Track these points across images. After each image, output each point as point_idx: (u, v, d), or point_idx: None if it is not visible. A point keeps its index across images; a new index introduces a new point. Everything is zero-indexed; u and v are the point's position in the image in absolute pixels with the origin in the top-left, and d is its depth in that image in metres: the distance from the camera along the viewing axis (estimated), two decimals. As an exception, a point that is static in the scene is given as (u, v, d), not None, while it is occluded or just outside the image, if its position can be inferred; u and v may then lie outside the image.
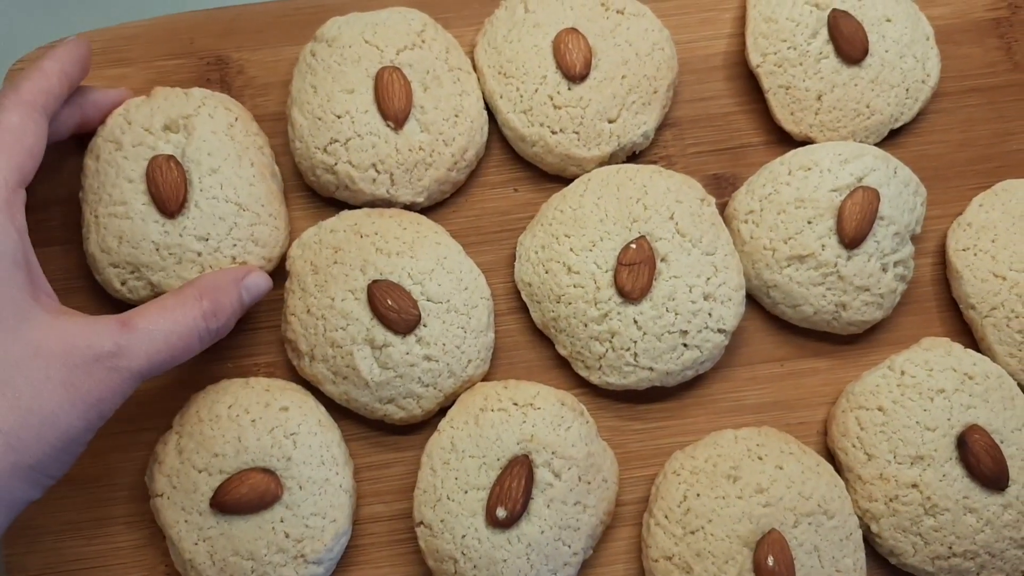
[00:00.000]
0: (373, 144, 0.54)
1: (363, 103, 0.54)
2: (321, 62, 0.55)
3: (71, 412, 0.42)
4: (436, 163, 0.55)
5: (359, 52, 0.55)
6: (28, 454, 0.41)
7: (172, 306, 0.47)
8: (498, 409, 0.51)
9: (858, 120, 0.57)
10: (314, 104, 0.55)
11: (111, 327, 0.44)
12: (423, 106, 0.55)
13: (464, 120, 0.55)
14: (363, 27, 0.56)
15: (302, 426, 0.51)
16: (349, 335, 0.52)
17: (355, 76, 0.55)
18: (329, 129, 0.54)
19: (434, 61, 0.56)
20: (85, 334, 0.43)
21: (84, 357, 0.43)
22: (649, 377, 0.53)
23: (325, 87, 0.55)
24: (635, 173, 0.55)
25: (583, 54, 0.56)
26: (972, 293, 0.54)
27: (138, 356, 0.44)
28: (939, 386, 0.52)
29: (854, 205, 0.53)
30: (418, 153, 0.54)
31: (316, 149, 0.54)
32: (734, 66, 0.60)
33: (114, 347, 0.44)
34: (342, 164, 0.54)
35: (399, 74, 0.54)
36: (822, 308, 0.54)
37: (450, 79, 0.56)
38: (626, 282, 0.52)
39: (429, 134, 0.55)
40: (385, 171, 0.54)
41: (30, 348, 0.42)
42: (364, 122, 0.54)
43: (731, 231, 0.56)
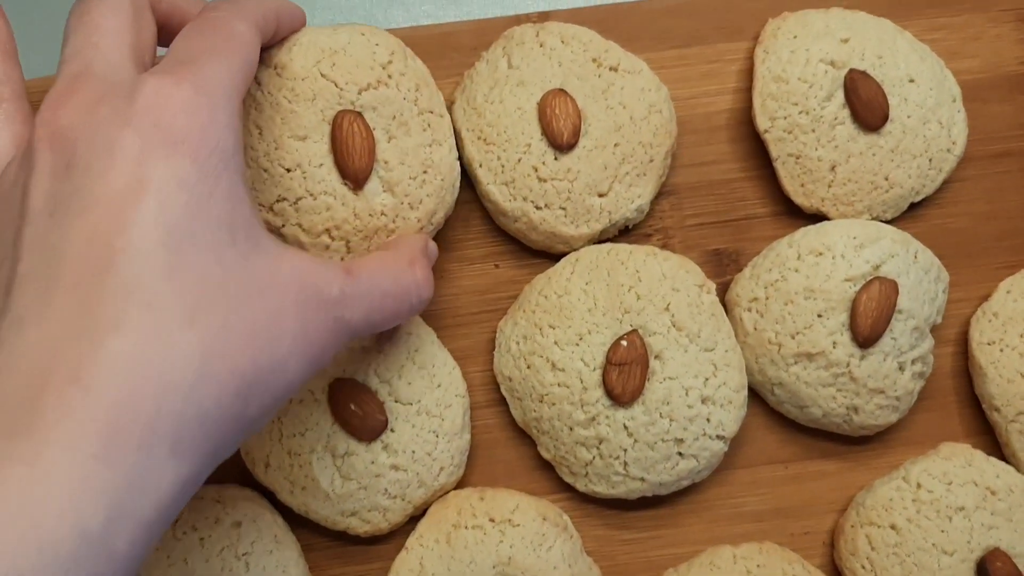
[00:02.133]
0: (328, 206, 0.45)
1: (317, 154, 0.45)
2: (268, 96, 0.45)
3: (301, 359, 0.35)
4: (399, 229, 0.47)
5: (314, 88, 0.45)
6: (255, 405, 0.33)
7: (391, 264, 0.41)
8: (473, 526, 0.46)
9: (875, 194, 0.52)
10: (259, 151, 0.45)
11: (337, 272, 0.38)
12: (387, 161, 0.46)
13: (434, 177, 0.47)
14: (320, 55, 0.46)
15: (256, 544, 0.46)
16: (307, 442, 0.47)
17: (309, 119, 0.45)
18: (276, 185, 0.45)
19: (401, 103, 0.47)
20: (315, 273, 0.37)
21: (315, 299, 0.36)
22: (640, 488, 0.48)
23: (272, 130, 0.45)
24: (627, 256, 0.50)
25: (571, 120, 0.50)
26: (997, 394, 0.49)
27: (358, 309, 0.38)
28: (959, 503, 0.47)
29: (870, 300, 0.47)
30: (379, 218, 0.46)
31: (260, 207, 0.46)
32: (739, 126, 0.54)
33: (340, 294, 0.37)
34: (291, 227, 0.46)
35: (361, 123, 0.45)
36: (832, 411, 0.49)
37: (419, 125, 0.47)
38: (616, 384, 0.47)
39: (393, 196, 0.46)
40: (340, 238, 0.46)
41: (266, 277, 0.34)
42: (318, 179, 0.45)
43: (732, 319, 0.51)
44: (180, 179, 0.32)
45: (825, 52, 0.52)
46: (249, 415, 0.33)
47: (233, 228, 0.34)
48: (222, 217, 0.33)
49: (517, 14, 0.55)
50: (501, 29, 0.54)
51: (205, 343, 0.31)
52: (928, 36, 0.56)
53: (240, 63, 0.37)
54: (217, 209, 0.33)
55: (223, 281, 0.33)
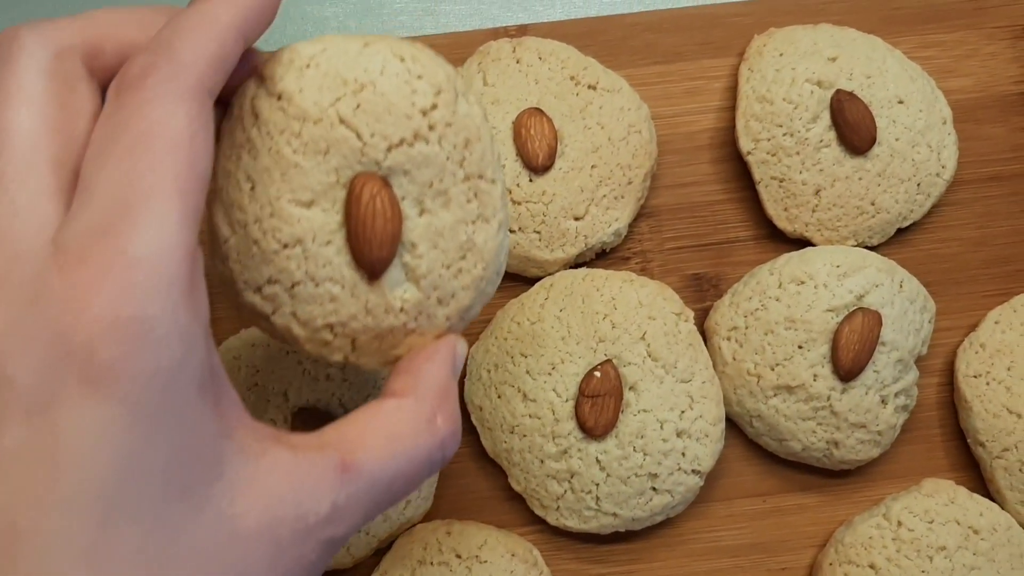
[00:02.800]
0: (332, 297, 0.33)
1: (325, 228, 0.32)
2: (266, 139, 0.32)
3: None
4: (421, 329, 0.34)
5: (329, 137, 0.32)
6: None
7: (404, 433, 0.31)
8: (439, 563, 0.45)
9: (861, 219, 0.50)
10: (249, 213, 0.32)
11: (329, 476, 0.29)
12: (415, 244, 0.33)
13: (473, 265, 0.34)
14: (340, 89, 0.31)
15: None
16: (269, 474, 0.45)
17: (317, 178, 0.32)
18: (268, 263, 0.32)
19: (443, 165, 0.33)
20: (296, 495, 0.28)
21: (295, 533, 0.28)
22: (613, 523, 0.47)
23: (268, 187, 0.32)
24: (603, 282, 0.48)
25: (547, 141, 0.48)
26: (982, 429, 0.48)
27: (355, 515, 0.29)
28: (940, 543, 0.46)
29: (852, 332, 0.46)
30: (397, 316, 0.33)
31: (246, 286, 0.33)
32: (722, 146, 0.53)
33: (330, 510, 0.28)
34: (283, 316, 0.33)
35: (386, 196, 0.32)
36: (812, 445, 0.47)
37: (463, 195, 0.34)
38: (588, 417, 0.45)
39: (418, 289, 0.33)
40: (345, 335, 0.34)
41: (225, 530, 0.27)
42: (323, 261, 0.32)
43: (711, 348, 0.49)
44: (108, 425, 0.24)
45: (812, 72, 0.50)
46: None
47: (184, 471, 0.26)
48: (170, 461, 0.25)
49: (495, 27, 0.53)
50: (478, 43, 0.52)
51: None
52: (920, 54, 0.54)
53: (183, 196, 0.26)
54: (160, 455, 0.25)
55: (169, 548, 0.25)
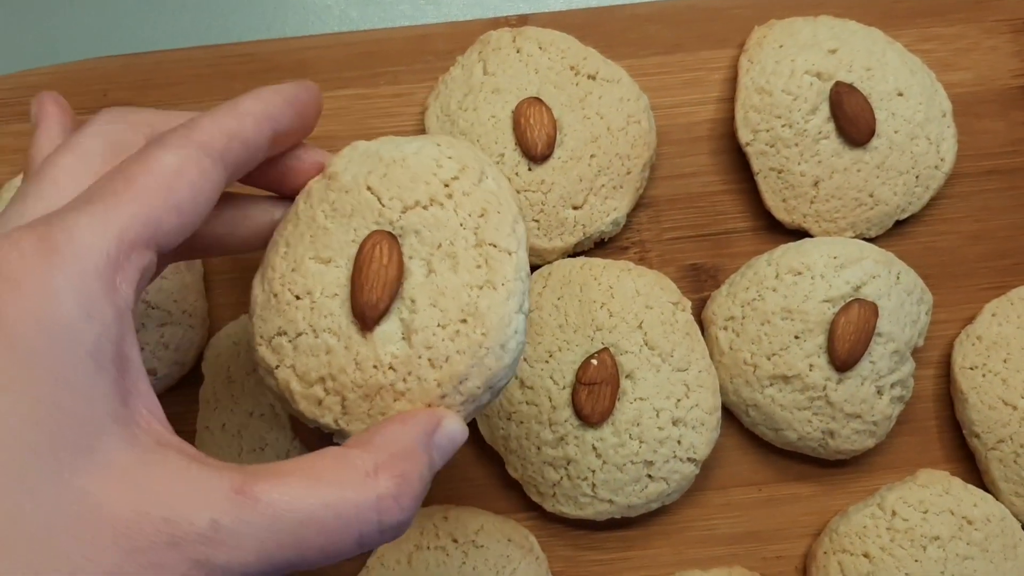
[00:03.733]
0: (328, 348, 0.34)
1: (334, 282, 0.34)
2: (307, 210, 0.35)
3: None
4: (411, 393, 0.33)
5: (354, 202, 0.35)
6: None
7: (329, 475, 0.29)
8: (435, 548, 0.45)
9: (859, 211, 0.50)
10: (278, 272, 0.35)
11: (218, 491, 0.27)
12: (414, 300, 0.34)
13: (474, 330, 0.33)
14: (375, 164, 0.35)
15: (213, 561, 0.45)
16: (266, 458, 0.46)
17: (339, 239, 0.35)
18: (280, 314, 0.35)
19: (456, 229, 0.34)
20: (170, 497, 0.27)
21: (155, 537, 0.26)
22: (608, 510, 0.47)
23: (298, 248, 0.35)
24: (601, 271, 0.48)
25: (546, 131, 0.48)
26: (977, 420, 0.48)
27: (245, 548, 0.27)
28: (934, 532, 0.46)
29: (848, 323, 0.46)
30: (385, 374, 0.33)
31: (261, 339, 0.35)
32: (721, 137, 0.53)
33: (209, 527, 0.26)
34: (284, 370, 0.34)
35: (387, 246, 0.34)
36: (807, 435, 0.47)
37: (472, 260, 0.34)
38: (585, 404, 0.46)
39: (410, 347, 0.33)
40: (335, 392, 0.34)
41: (80, 503, 0.26)
42: (326, 312, 0.34)
43: (708, 337, 0.49)
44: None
45: (811, 63, 0.50)
46: None
47: (53, 433, 0.26)
48: (37, 420, 0.25)
49: (496, 17, 0.54)
50: (479, 32, 0.52)
51: None
52: (920, 47, 0.54)
53: (139, 207, 0.28)
54: (30, 409, 0.25)
55: (17, 507, 0.25)
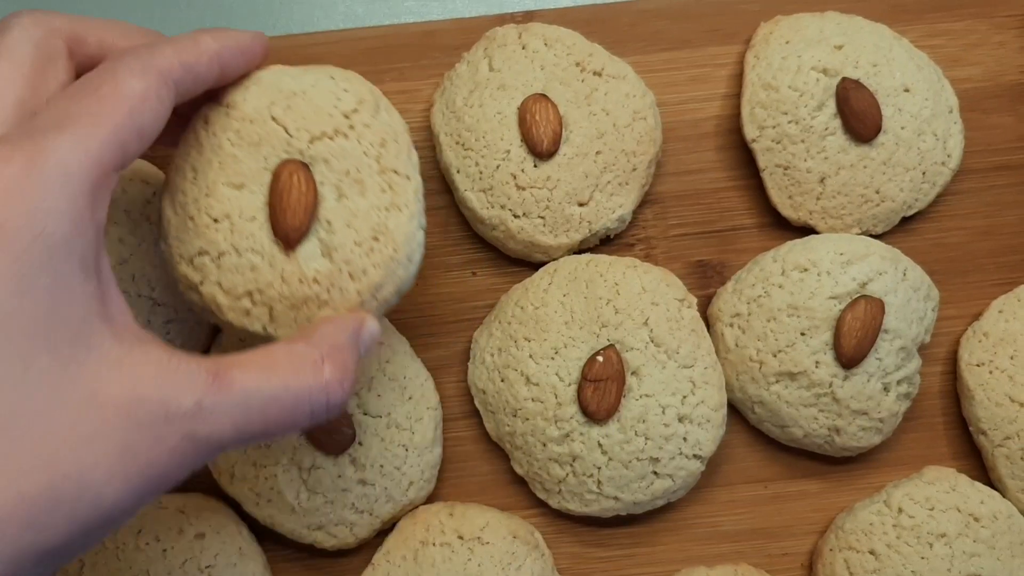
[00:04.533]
0: (253, 266, 0.39)
1: (251, 206, 0.39)
2: (211, 137, 0.39)
3: (121, 487, 0.30)
4: (333, 302, 0.38)
5: (261, 132, 0.39)
6: (51, 534, 0.29)
7: (283, 365, 0.34)
8: (441, 544, 0.45)
9: (866, 207, 0.50)
10: (189, 196, 0.39)
11: (198, 378, 0.32)
12: (330, 222, 0.39)
13: (385, 246, 0.39)
14: (276, 96, 0.39)
15: (219, 557, 0.45)
16: (273, 454, 0.46)
17: (249, 166, 0.39)
18: (199, 236, 0.39)
19: (360, 158, 0.39)
20: (161, 382, 0.31)
21: (153, 414, 0.31)
22: (614, 506, 0.47)
23: (207, 174, 0.39)
24: (607, 268, 0.48)
25: (552, 127, 0.48)
26: (984, 417, 0.48)
27: (223, 422, 0.32)
28: (940, 529, 0.46)
29: (855, 320, 0.46)
30: (311, 286, 0.38)
31: (181, 259, 0.39)
32: (727, 133, 0.53)
33: (194, 407, 0.32)
34: (209, 286, 0.39)
35: (303, 175, 0.39)
36: (813, 431, 0.47)
37: (377, 186, 0.39)
38: (591, 401, 0.46)
39: (331, 261, 0.39)
40: (263, 303, 0.39)
41: (84, 390, 0.30)
42: (247, 233, 0.39)
43: (714, 334, 0.49)
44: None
45: (817, 59, 0.50)
46: (45, 545, 0.29)
47: (52, 329, 0.30)
48: (38, 317, 0.29)
49: (501, 13, 0.54)
50: (484, 29, 0.52)
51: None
52: (928, 42, 0.54)
53: (111, 132, 0.32)
54: (33, 307, 0.29)
55: (24, 394, 0.29)
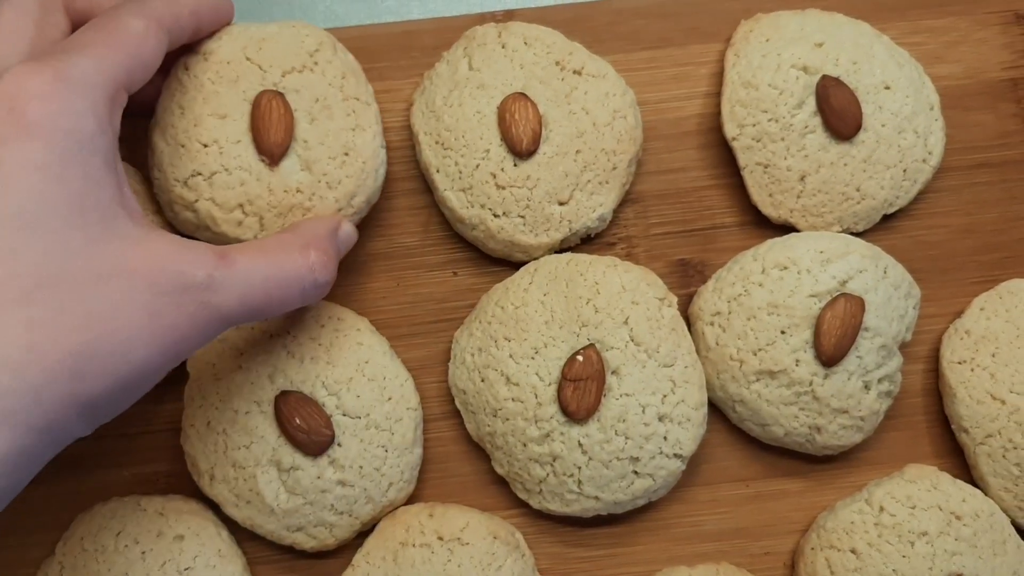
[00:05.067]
0: (242, 181, 0.46)
1: (235, 132, 0.46)
2: (193, 79, 0.47)
3: (149, 345, 0.36)
4: (316, 208, 0.46)
5: (238, 71, 0.47)
6: (93, 385, 0.34)
7: (274, 250, 0.41)
8: (420, 544, 0.45)
9: (846, 205, 0.50)
10: (179, 128, 0.46)
11: (207, 256, 0.38)
12: (306, 140, 0.46)
13: (355, 160, 0.47)
14: (247, 41, 0.47)
15: (198, 559, 0.45)
16: (253, 455, 0.46)
17: (230, 99, 0.46)
18: (192, 159, 0.46)
19: (326, 88, 0.47)
20: (177, 258, 0.37)
21: (173, 284, 0.36)
22: (595, 507, 0.47)
23: (194, 109, 0.46)
24: (587, 267, 0.48)
25: (531, 126, 0.48)
26: (966, 415, 0.48)
27: (231, 295, 0.38)
28: (922, 528, 0.46)
29: (834, 318, 0.46)
30: (295, 196, 0.46)
31: (175, 181, 0.46)
32: (709, 132, 0.53)
33: (207, 279, 0.37)
34: (203, 202, 0.46)
35: (280, 101, 0.46)
36: (794, 430, 0.47)
37: (343, 110, 0.47)
38: (570, 401, 0.46)
39: (310, 174, 0.46)
40: (253, 213, 0.46)
41: (114, 262, 0.35)
42: (234, 154, 0.46)
43: (694, 333, 0.49)
44: (30, 161, 0.34)
45: (797, 57, 0.50)
46: (88, 394, 0.34)
47: (84, 211, 0.35)
48: (72, 200, 0.35)
49: (482, 12, 0.53)
50: (464, 28, 0.52)
51: (36, 322, 0.33)
52: (909, 40, 0.54)
53: (121, 57, 0.38)
54: (68, 192, 0.35)
55: (65, 264, 0.34)
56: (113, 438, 0.49)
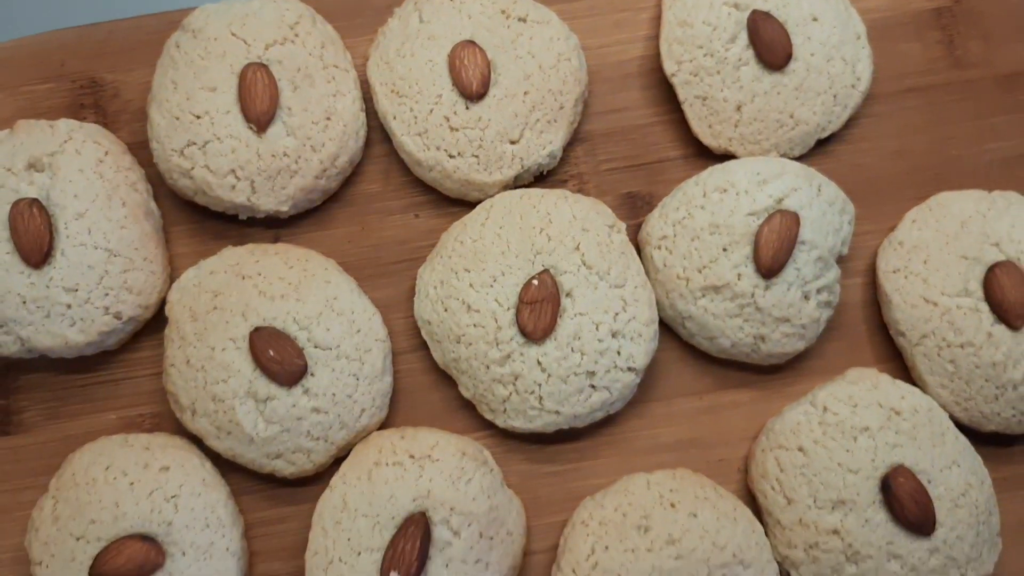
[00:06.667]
0: (233, 148, 0.50)
1: (225, 103, 0.50)
2: (184, 55, 0.51)
3: None
4: (302, 170, 0.50)
5: (224, 46, 0.51)
6: None
7: None
8: (393, 463, 0.48)
9: (781, 131, 0.53)
10: (173, 102, 0.50)
11: None
12: (291, 108, 0.51)
13: (336, 124, 0.51)
14: (231, 18, 0.52)
15: (184, 487, 0.48)
16: (230, 388, 0.48)
17: (218, 73, 0.50)
18: (187, 130, 0.50)
19: (307, 58, 0.51)
20: None
21: None
22: (556, 421, 0.50)
23: (185, 84, 0.50)
24: (539, 200, 0.51)
25: (480, 70, 0.51)
26: (902, 319, 0.51)
27: None
28: (863, 424, 0.48)
29: (771, 232, 0.49)
30: (282, 159, 0.50)
31: (172, 152, 0.50)
32: (650, 73, 0.56)
33: None
34: (199, 169, 0.50)
35: (264, 72, 0.50)
36: (740, 341, 0.50)
37: (323, 78, 0.51)
38: (528, 322, 0.48)
39: (295, 139, 0.50)
40: (245, 178, 0.50)
41: None
42: (224, 124, 0.50)
43: (643, 258, 0.52)
44: None
45: (728, -5, 0.53)
46: None
47: None
48: None
49: (431, -29, 0.56)
50: (415, -14, 0.55)
51: None
52: (836, -22, 0.57)
53: None
54: None
55: None
56: (98, 385, 0.52)
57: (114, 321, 0.49)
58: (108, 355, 0.52)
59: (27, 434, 0.51)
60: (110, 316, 0.49)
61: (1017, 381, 0.49)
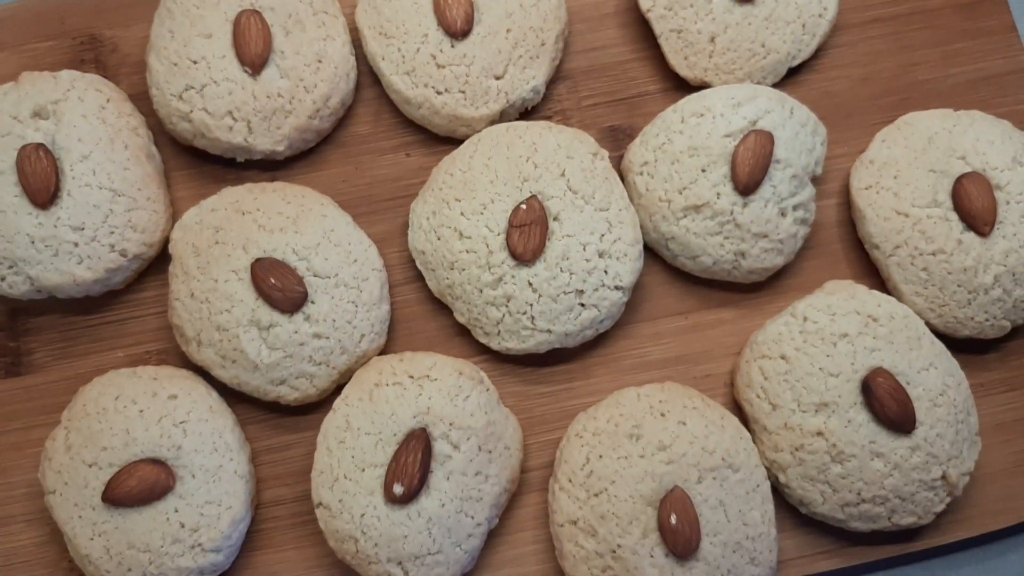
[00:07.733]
0: (229, 91, 0.52)
1: (220, 48, 0.53)
2: (179, 5, 0.53)
3: None
4: (296, 111, 0.53)
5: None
6: None
7: None
8: (393, 383, 0.50)
9: (753, 61, 0.55)
10: (171, 50, 0.53)
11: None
12: (283, 51, 0.53)
13: (327, 66, 0.53)
14: None
15: (192, 413, 0.50)
16: (234, 318, 0.50)
17: (213, 20, 0.53)
18: (184, 75, 0.52)
19: (297, 4, 0.54)
20: None
21: None
22: (548, 340, 0.52)
23: (182, 32, 0.53)
24: (525, 131, 0.53)
25: (464, 9, 0.53)
26: (875, 232, 0.53)
27: None
28: (842, 330, 0.51)
29: (747, 151, 0.51)
30: (276, 100, 0.53)
31: (171, 96, 0.53)
32: (627, 11, 0.58)
33: None
34: (197, 112, 0.52)
35: (258, 18, 0.53)
36: (721, 258, 0.52)
37: (314, 23, 0.54)
38: (517, 244, 0.51)
39: (289, 80, 0.53)
40: (242, 119, 0.52)
41: None
42: (220, 68, 0.52)
43: (627, 184, 0.54)
44: None
45: (698, -67, 0.55)
46: None
47: None
48: None
49: (413, -77, 0.59)
50: (398, -63, 0.57)
51: None
52: (802, -81, 0.59)
53: None
54: None
55: None
56: (104, 324, 0.54)
57: (120, 258, 0.51)
58: (114, 296, 0.54)
59: (37, 374, 0.53)
60: (116, 253, 0.51)
61: (988, 285, 0.51)
